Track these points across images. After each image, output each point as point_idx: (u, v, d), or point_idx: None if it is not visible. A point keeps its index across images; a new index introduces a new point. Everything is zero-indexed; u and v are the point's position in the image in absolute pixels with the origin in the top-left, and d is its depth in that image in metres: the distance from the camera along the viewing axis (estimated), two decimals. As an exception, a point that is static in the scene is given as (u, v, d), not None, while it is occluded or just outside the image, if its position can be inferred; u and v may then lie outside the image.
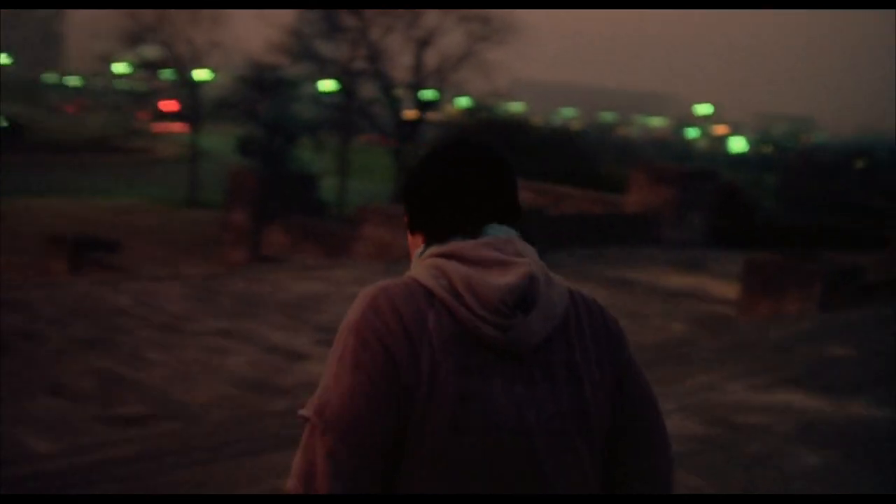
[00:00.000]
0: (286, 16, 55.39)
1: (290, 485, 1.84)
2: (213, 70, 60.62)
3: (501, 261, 1.88)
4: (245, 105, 47.72)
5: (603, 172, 30.32)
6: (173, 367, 9.04)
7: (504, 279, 1.84)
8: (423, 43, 48.53)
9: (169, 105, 64.06)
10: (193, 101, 56.43)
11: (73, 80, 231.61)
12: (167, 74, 59.46)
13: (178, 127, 63.41)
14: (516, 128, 34.52)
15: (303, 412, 1.86)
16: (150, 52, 63.59)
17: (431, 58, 49.11)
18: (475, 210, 1.96)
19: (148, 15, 57.10)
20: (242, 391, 8.53)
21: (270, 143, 28.31)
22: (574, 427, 1.90)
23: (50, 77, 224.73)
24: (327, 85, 51.06)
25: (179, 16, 56.78)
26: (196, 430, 7.36)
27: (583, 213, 20.52)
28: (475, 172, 1.98)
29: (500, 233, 1.96)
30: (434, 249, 1.93)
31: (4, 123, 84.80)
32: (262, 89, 43.33)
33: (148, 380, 8.57)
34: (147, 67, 60.52)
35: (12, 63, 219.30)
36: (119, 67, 77.54)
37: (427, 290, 1.86)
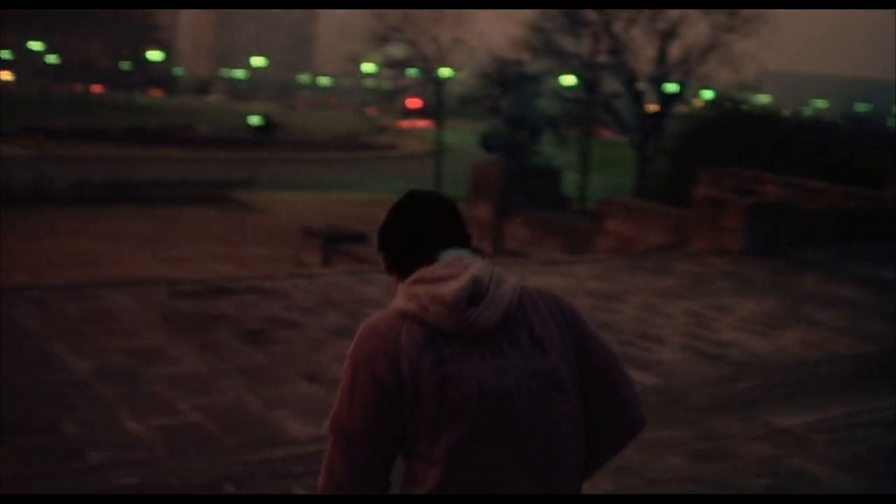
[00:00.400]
0: (528, 12, 55.62)
1: (320, 480, 2.53)
2: (457, 67, 61.73)
3: (452, 274, 2.49)
4: (488, 101, 48.33)
5: (859, 166, 28.72)
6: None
7: (456, 285, 2.45)
8: (667, 35, 47.59)
9: (414, 102, 65.75)
10: (438, 98, 57.66)
11: (323, 81, 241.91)
12: (413, 73, 61.03)
13: (423, 123, 64.96)
14: (764, 120, 33.23)
15: (325, 425, 2.58)
16: (397, 51, 65.48)
17: (675, 50, 48.11)
18: (430, 244, 2.59)
19: (394, 15, 58.74)
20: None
21: (512, 137, 28.47)
22: (548, 383, 2.46)
23: (303, 78, 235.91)
24: (569, 79, 50.98)
25: (424, 15, 58.12)
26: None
27: (836, 207, 19.51)
28: (424, 218, 2.64)
29: (450, 254, 2.58)
30: (408, 280, 2.54)
31: (261, 122, 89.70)
32: (505, 85, 43.68)
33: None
34: (393, 66, 62.27)
35: (268, 65, 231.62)
36: (367, 67, 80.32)
37: (402, 312, 2.49)
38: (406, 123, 66.65)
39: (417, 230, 2.63)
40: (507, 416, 2.40)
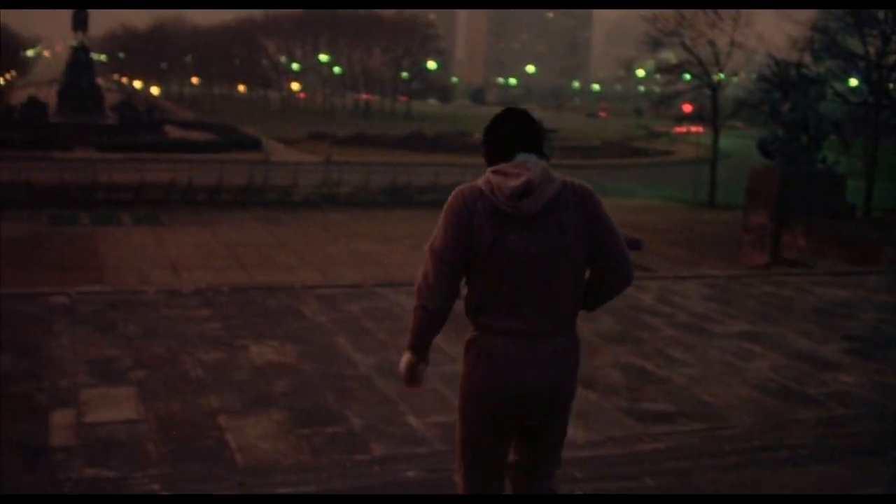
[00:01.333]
0: (810, 12, 53.23)
1: (418, 280, 3.72)
2: (734, 71, 59.94)
3: (516, 174, 3.62)
4: (766, 105, 46.62)
5: None
6: (697, 367, 9.00)
7: (514, 183, 3.59)
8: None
9: (688, 107, 64.42)
10: (714, 102, 56.18)
11: (596, 86, 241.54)
12: (687, 77, 59.79)
13: (697, 129, 63.51)
14: None
15: (425, 246, 3.71)
16: (671, 55, 64.38)
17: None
18: (510, 147, 3.70)
19: (670, 20, 57.78)
20: (767, 396, 8.28)
21: (792, 143, 27.29)
22: (558, 254, 3.64)
23: (575, 83, 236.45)
24: (854, 82, 48.35)
25: (701, 18, 56.80)
26: (723, 433, 7.25)
27: None
28: (511, 127, 3.73)
29: (521, 157, 3.67)
30: (490, 169, 3.70)
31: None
32: (785, 88, 41.98)
33: (673, 378, 8.61)
34: (667, 71, 61.24)
35: (538, 72, 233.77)
36: (641, 72, 79.48)
37: (480, 189, 3.65)
38: (680, 129, 65.31)
39: (503, 137, 3.76)
40: (527, 269, 3.66)
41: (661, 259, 22.39)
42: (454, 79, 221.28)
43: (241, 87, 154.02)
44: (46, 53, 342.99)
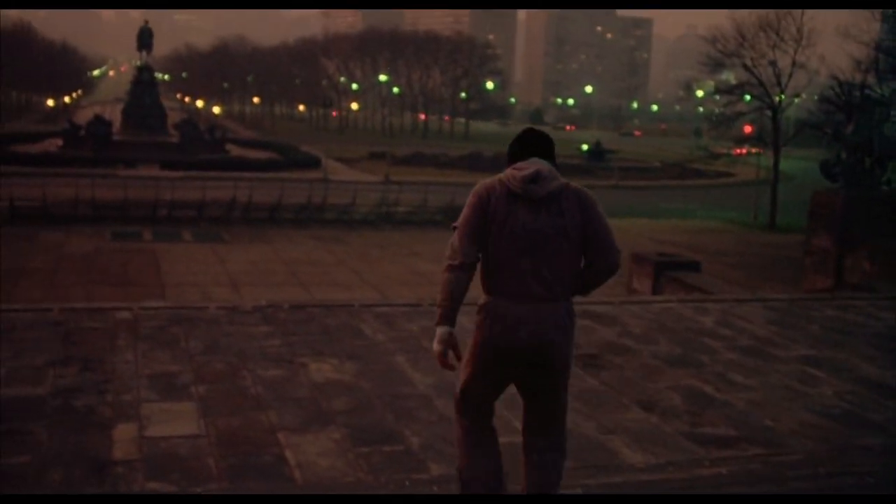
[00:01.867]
0: (873, 32, 52.48)
1: (447, 251, 4.50)
2: (796, 92, 59.28)
3: (527, 167, 4.55)
4: (829, 126, 46.02)
5: None
6: (759, 391, 8.88)
7: (526, 171, 4.50)
8: None
9: (749, 129, 63.80)
10: (775, 123, 55.58)
11: (654, 107, 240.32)
12: (748, 98, 59.23)
13: (757, 150, 62.88)
14: None
15: (454, 224, 4.61)
16: (731, 76, 63.84)
17: None
18: (525, 153, 4.63)
19: (730, 40, 57.31)
20: (830, 422, 8.14)
21: (856, 165, 26.86)
22: (561, 233, 4.47)
23: (633, 104, 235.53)
24: (921, 102, 47.48)
25: (762, 39, 56.28)
26: (785, 459, 7.14)
27: None
28: (529, 138, 4.71)
29: (533, 160, 4.58)
30: (509, 167, 4.61)
31: (592, 148, 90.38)
32: (848, 109, 41.41)
33: (734, 402, 8.50)
34: (727, 92, 60.73)
35: (596, 92, 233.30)
36: (700, 93, 78.94)
37: (500, 179, 4.54)
38: (740, 150, 64.73)
39: (522, 144, 4.75)
40: (533, 242, 4.49)
41: (721, 281, 22.13)
42: (512, 99, 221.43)
43: (302, 107, 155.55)
44: (112, 73, 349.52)
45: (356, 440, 7.07)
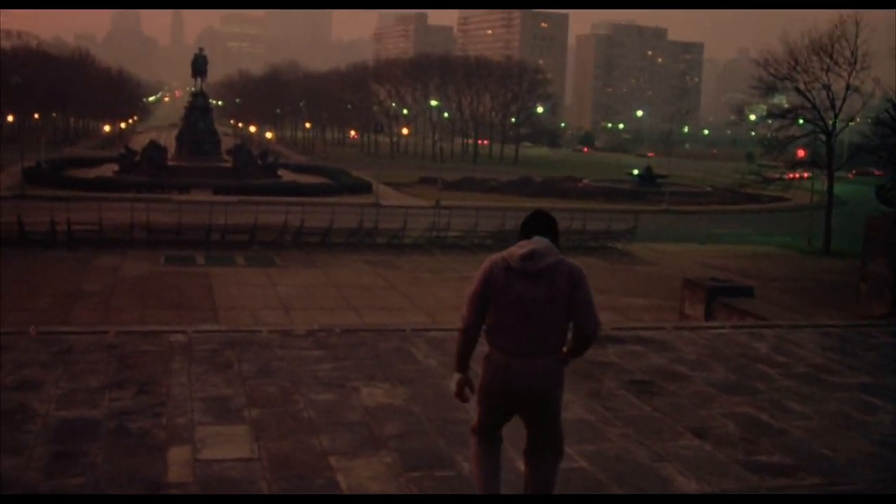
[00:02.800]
0: (932, 53, 51.75)
1: (462, 312, 5.48)
2: (850, 115, 58.54)
3: (526, 245, 5.34)
4: (885, 150, 45.41)
5: None
6: (816, 419, 8.75)
7: (523, 250, 5.29)
8: None
9: (802, 153, 63.10)
10: (829, 147, 54.92)
11: (706, 131, 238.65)
12: (801, 122, 58.59)
13: (810, 174, 62.18)
14: None
15: (468, 294, 5.43)
16: (785, 100, 63.22)
17: None
18: (531, 232, 5.42)
19: (782, 64, 56.78)
20: (890, 451, 8.00)
21: (914, 189, 26.42)
22: (550, 301, 5.25)
23: (684, 128, 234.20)
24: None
25: (815, 62, 55.69)
26: (844, 489, 7.02)
27: None
28: (533, 219, 5.49)
29: (535, 235, 5.36)
30: (517, 244, 5.38)
31: (643, 173, 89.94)
32: (904, 132, 40.86)
33: (790, 430, 8.38)
34: (780, 116, 60.11)
35: (647, 116, 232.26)
36: (753, 117, 78.29)
37: (503, 256, 5.39)
38: (793, 174, 64.00)
39: (527, 225, 5.52)
40: (527, 308, 5.28)
41: (775, 307, 21.83)
42: (562, 123, 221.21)
43: (353, 132, 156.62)
44: (167, 99, 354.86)
45: (407, 465, 7.07)
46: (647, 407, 8.86)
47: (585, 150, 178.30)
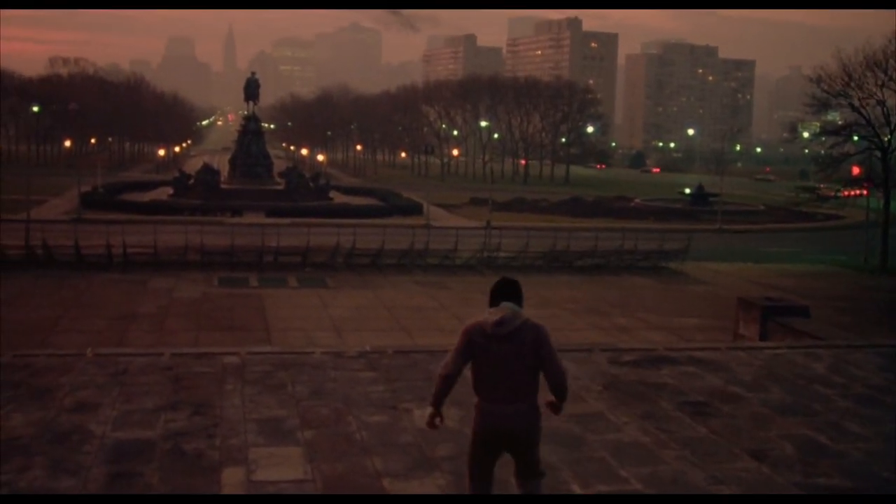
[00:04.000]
0: None
1: (440, 369, 6.31)
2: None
3: (496, 313, 6.15)
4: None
5: None
6: (876, 441, 8.58)
7: (493, 318, 6.11)
8: None
9: (857, 170, 62.24)
10: (884, 164, 54.11)
11: (758, 149, 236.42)
12: (856, 139, 57.83)
13: (866, 192, 61.29)
14: None
15: (448, 355, 6.28)
16: (839, 116, 62.46)
17: None
18: (498, 299, 6.23)
19: (836, 80, 56.10)
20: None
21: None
22: (520, 357, 6.09)
23: (736, 146, 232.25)
24: None
25: (870, 79, 54.99)
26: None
27: None
28: (499, 289, 6.30)
29: (504, 304, 6.17)
30: (487, 311, 6.19)
31: (695, 192, 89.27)
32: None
33: (850, 452, 8.23)
34: (834, 133, 59.35)
35: (698, 135, 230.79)
36: (806, 134, 77.41)
37: (478, 322, 6.17)
38: (848, 192, 63.09)
39: (494, 293, 6.27)
40: (502, 364, 6.06)
41: (832, 327, 21.49)
42: (613, 143, 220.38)
43: (403, 154, 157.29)
44: (219, 123, 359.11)
45: (460, 487, 7.04)
46: (703, 428, 8.75)
47: (656, 170, 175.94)
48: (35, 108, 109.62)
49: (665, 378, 10.46)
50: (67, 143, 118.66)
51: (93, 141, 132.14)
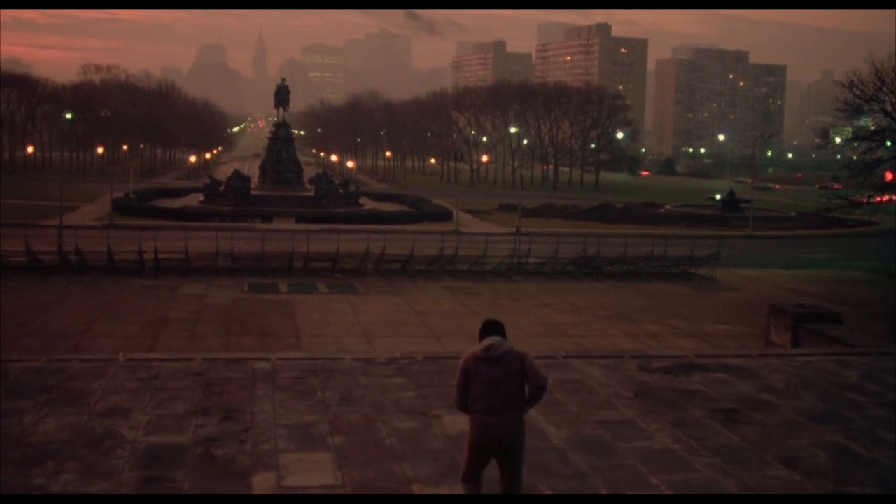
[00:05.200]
0: None
1: (452, 396, 7.33)
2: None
3: (486, 342, 7.24)
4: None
5: None
6: (910, 449, 8.49)
7: (484, 345, 7.21)
8: None
9: (891, 175, 61.65)
10: (918, 169, 53.53)
11: (789, 154, 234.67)
12: (888, 144, 57.32)
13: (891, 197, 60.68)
14: None
15: (454, 383, 7.31)
16: (871, 122, 61.95)
17: None
18: (487, 333, 7.35)
19: (868, 85, 55.66)
20: None
21: None
22: (507, 376, 7.06)
23: (768, 152, 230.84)
24: None
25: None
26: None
27: None
28: (487, 327, 7.44)
29: (491, 335, 7.32)
30: (480, 343, 7.28)
31: (726, 198, 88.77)
32: None
33: (883, 460, 8.15)
34: (867, 138, 58.85)
35: (729, 140, 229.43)
36: (838, 140, 76.77)
37: (474, 352, 7.18)
38: (882, 197, 62.47)
39: (483, 330, 7.34)
40: (493, 383, 6.97)
41: (864, 334, 21.28)
42: (643, 149, 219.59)
43: (433, 160, 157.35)
44: (250, 129, 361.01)
45: (492, 492, 7.04)
46: (734, 436, 8.70)
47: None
48: (68, 115, 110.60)
49: (696, 385, 10.41)
50: (100, 150, 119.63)
51: (125, 147, 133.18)
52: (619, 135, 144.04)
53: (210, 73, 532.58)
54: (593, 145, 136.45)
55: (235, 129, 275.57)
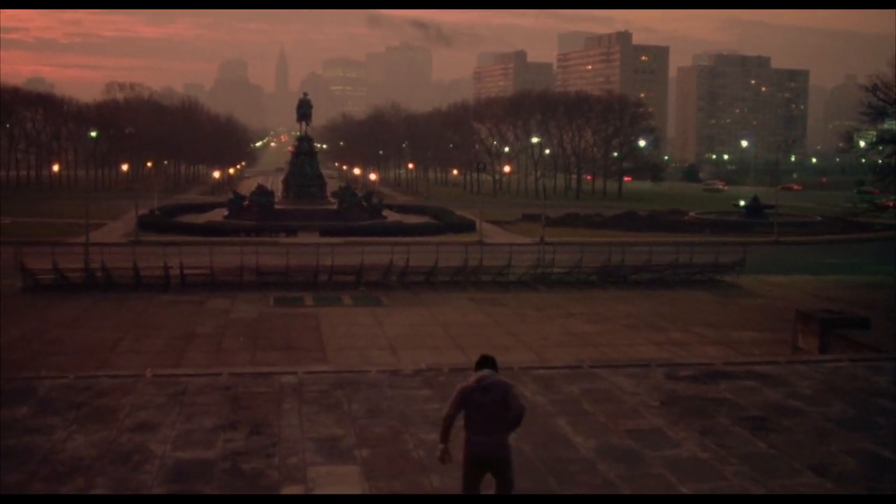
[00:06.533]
0: None
1: (443, 414, 8.08)
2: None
3: (478, 374, 8.10)
4: None
5: None
6: (942, 455, 8.40)
7: (477, 376, 8.06)
8: None
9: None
10: (945, 172, 53.11)
11: (813, 159, 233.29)
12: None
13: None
14: None
15: (448, 403, 8.17)
16: (895, 124, 61.51)
17: None
18: (481, 367, 8.21)
19: (892, 88, 55.34)
20: None
21: None
22: (495, 402, 7.88)
23: (791, 157, 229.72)
24: None
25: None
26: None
27: None
28: (482, 361, 8.32)
29: (485, 368, 8.20)
30: (474, 375, 8.13)
31: (750, 204, 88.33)
32: None
33: (915, 467, 8.07)
34: (891, 142, 58.45)
35: (752, 146, 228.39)
36: (862, 143, 76.29)
37: (469, 383, 8.02)
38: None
39: (478, 364, 8.23)
40: (484, 408, 7.79)
41: (893, 339, 21.13)
42: (665, 157, 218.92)
43: (455, 171, 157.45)
44: (273, 144, 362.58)
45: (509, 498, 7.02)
46: (763, 444, 8.65)
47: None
48: (93, 133, 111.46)
49: (723, 393, 10.36)
50: (124, 167, 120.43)
51: (149, 164, 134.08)
52: (642, 143, 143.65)
53: (232, 89, 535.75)
54: (616, 154, 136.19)
55: (258, 144, 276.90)
